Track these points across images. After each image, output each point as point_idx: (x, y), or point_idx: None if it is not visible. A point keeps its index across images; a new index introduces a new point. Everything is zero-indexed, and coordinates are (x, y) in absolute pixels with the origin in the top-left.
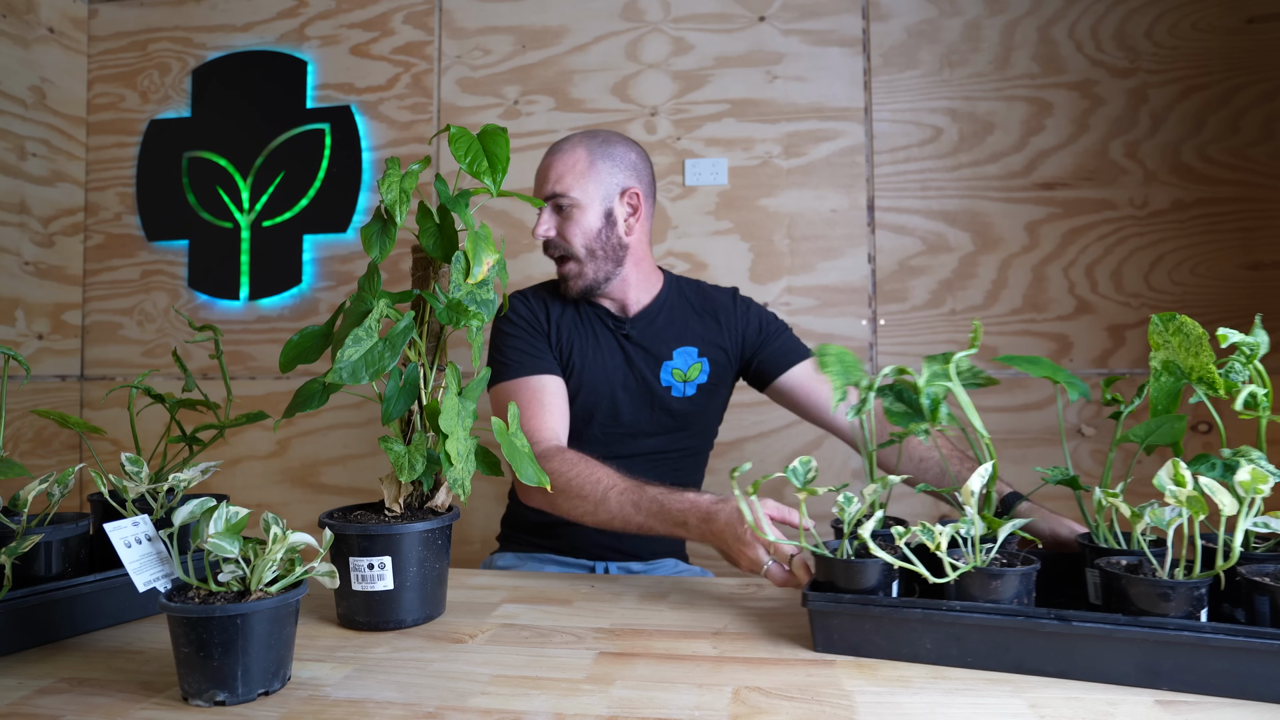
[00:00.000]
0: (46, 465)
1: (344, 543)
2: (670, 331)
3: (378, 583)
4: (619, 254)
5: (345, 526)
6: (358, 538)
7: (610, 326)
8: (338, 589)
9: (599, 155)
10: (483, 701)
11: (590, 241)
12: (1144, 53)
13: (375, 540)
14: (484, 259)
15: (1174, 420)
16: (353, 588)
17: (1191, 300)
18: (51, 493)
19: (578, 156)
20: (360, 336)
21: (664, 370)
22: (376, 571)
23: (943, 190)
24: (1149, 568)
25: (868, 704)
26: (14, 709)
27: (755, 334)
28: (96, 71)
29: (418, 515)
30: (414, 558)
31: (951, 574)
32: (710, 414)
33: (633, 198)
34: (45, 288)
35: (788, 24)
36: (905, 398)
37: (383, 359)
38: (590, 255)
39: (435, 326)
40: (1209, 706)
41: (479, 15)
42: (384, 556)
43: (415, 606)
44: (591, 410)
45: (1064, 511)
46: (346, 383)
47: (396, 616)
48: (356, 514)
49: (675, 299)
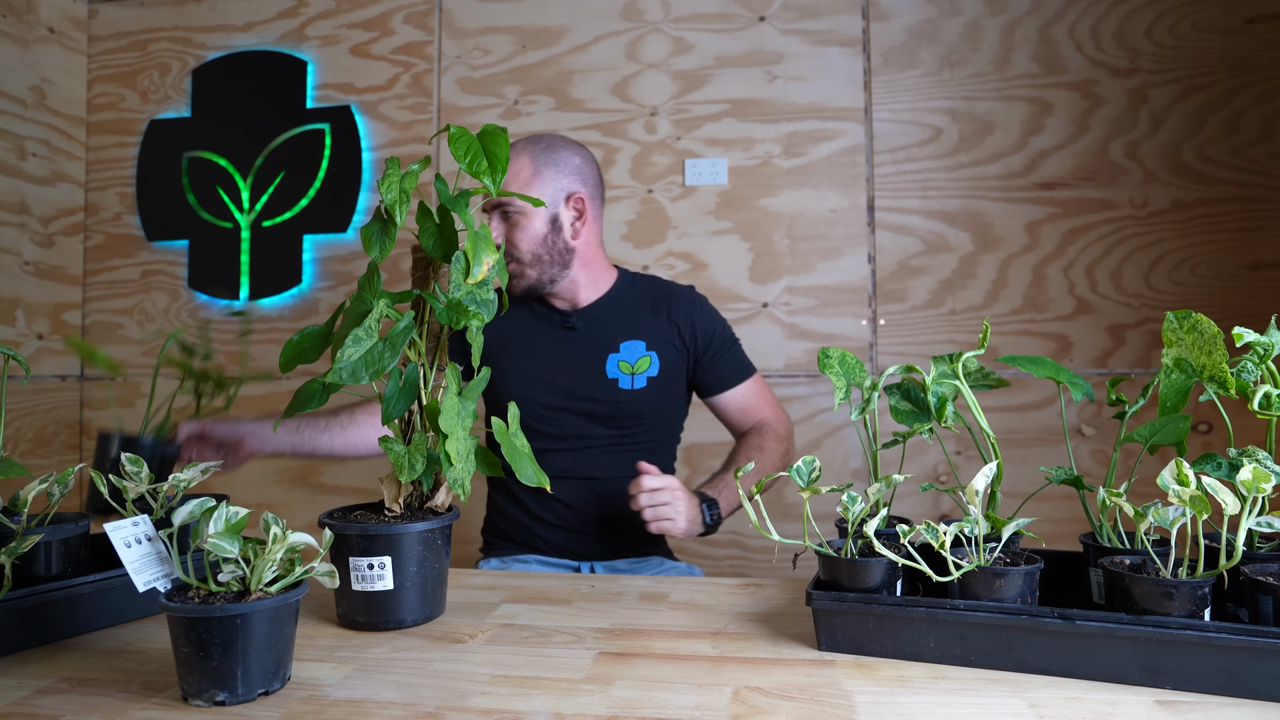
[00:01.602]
0: (46, 465)
1: (344, 543)
2: (618, 325)
3: (378, 583)
4: (565, 257)
5: (345, 526)
6: (357, 538)
7: (556, 322)
8: (338, 589)
9: (542, 162)
10: (483, 701)
11: (536, 247)
12: (1144, 53)
13: (375, 540)
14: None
15: (1178, 420)
16: (353, 588)
17: (1191, 300)
18: (51, 493)
19: (521, 165)
20: (360, 337)
21: (609, 362)
22: (376, 571)
23: (943, 190)
24: (1152, 567)
25: (868, 704)
26: (14, 709)
27: (705, 344)
28: (96, 71)
29: (418, 515)
30: (414, 558)
31: (955, 573)
32: (667, 407)
33: (578, 202)
34: (45, 288)
35: (788, 24)
36: (912, 396)
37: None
38: (535, 260)
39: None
40: (1209, 706)
41: (479, 15)
42: (384, 556)
43: (415, 606)
44: (532, 401)
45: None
46: (346, 383)
47: (396, 616)
48: (356, 514)
49: (626, 294)
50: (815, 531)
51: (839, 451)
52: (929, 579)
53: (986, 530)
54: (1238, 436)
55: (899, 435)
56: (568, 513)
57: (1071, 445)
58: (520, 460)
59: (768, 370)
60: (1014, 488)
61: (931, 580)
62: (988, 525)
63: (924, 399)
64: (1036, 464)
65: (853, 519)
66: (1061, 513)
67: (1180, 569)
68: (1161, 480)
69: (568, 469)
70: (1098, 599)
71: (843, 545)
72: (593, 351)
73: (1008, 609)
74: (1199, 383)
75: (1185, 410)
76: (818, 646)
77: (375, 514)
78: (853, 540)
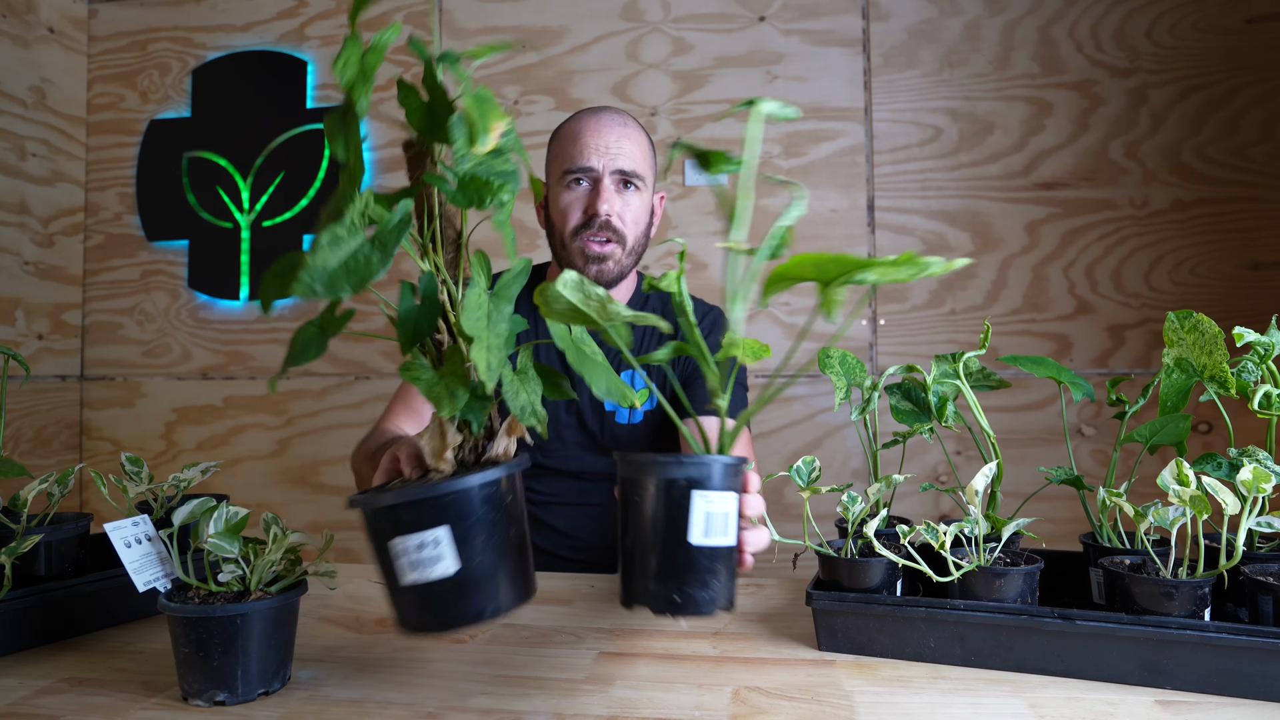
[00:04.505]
0: (46, 465)
1: (380, 521)
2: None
3: (435, 567)
4: (639, 257)
5: (377, 498)
6: (397, 509)
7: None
8: (389, 587)
9: (651, 146)
10: (483, 701)
11: (640, 234)
12: (1144, 53)
13: (423, 508)
14: (491, 124)
15: (1179, 420)
16: (403, 581)
17: (1191, 300)
18: (51, 493)
19: (644, 139)
20: (340, 236)
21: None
22: (430, 551)
23: (943, 190)
24: (1152, 567)
25: (868, 704)
26: (14, 709)
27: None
28: (96, 71)
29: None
30: (481, 522)
31: (955, 573)
32: (663, 437)
33: (660, 201)
34: (45, 288)
35: (788, 24)
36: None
37: (370, 264)
38: (635, 248)
39: (451, 232)
40: (1209, 706)
41: (479, 15)
42: (437, 529)
43: (497, 589)
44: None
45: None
46: (322, 296)
47: (473, 607)
48: (397, 482)
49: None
50: (815, 531)
51: (839, 451)
52: (929, 579)
53: (986, 530)
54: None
55: (899, 435)
56: (561, 540)
57: (1071, 445)
58: (594, 370)
59: (767, 370)
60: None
61: (931, 580)
62: (988, 525)
63: (924, 399)
64: (1036, 464)
65: (853, 519)
66: (1061, 513)
67: (1180, 569)
68: (1161, 480)
69: (562, 495)
70: (1098, 599)
71: (843, 545)
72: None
73: (1008, 609)
74: (1199, 382)
75: (1185, 410)
76: (818, 646)
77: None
78: (853, 540)
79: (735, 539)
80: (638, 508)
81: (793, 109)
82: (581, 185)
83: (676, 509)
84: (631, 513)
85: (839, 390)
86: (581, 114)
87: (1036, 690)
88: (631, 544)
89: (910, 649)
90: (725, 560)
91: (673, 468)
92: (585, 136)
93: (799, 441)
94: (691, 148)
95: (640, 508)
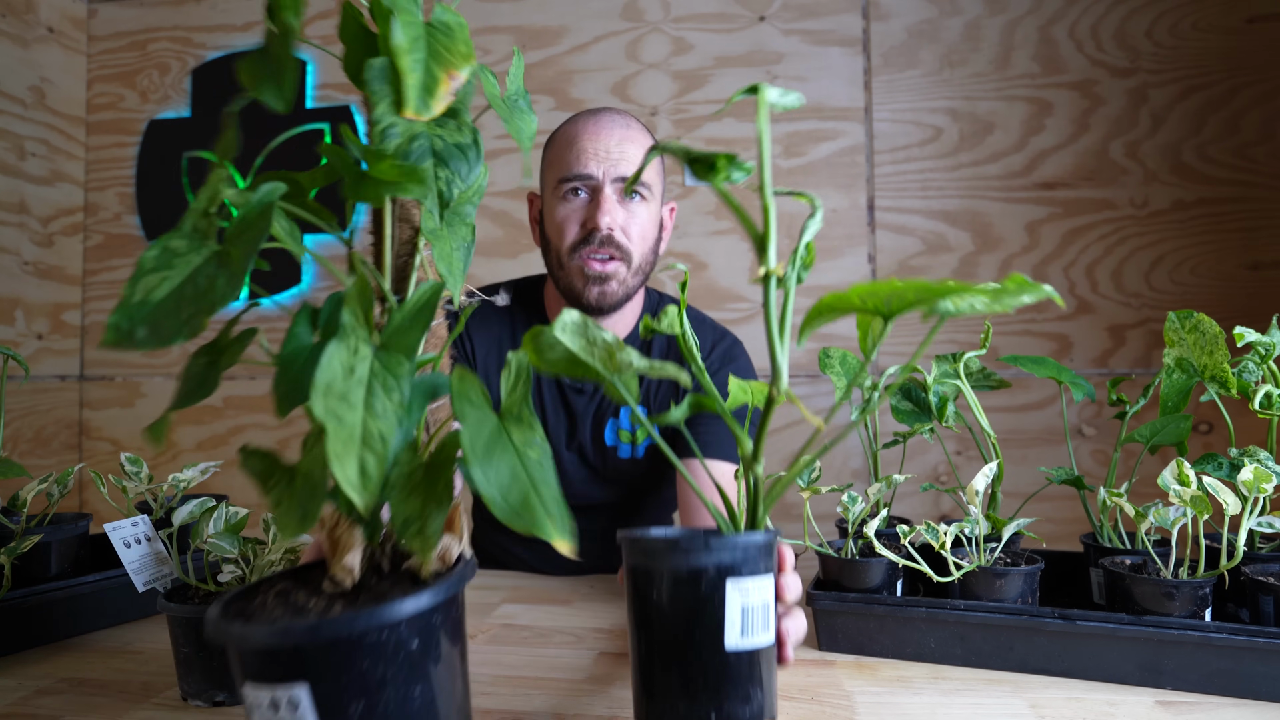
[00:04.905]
0: (46, 465)
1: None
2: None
3: None
4: (646, 277)
5: (221, 623)
6: (247, 654)
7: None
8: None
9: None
10: (483, 701)
11: (648, 249)
12: (1144, 52)
13: (275, 658)
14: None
15: (1180, 420)
16: None
17: (1192, 300)
18: (51, 493)
19: (649, 143)
20: (174, 250)
21: (608, 429)
22: (286, 714)
23: (943, 190)
24: (1153, 567)
25: (868, 704)
26: (13, 709)
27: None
28: (96, 71)
29: (388, 585)
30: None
31: (956, 573)
32: (667, 472)
33: (670, 215)
34: (45, 288)
35: (788, 24)
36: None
37: (212, 292)
38: (641, 266)
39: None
40: (1210, 707)
41: (479, 15)
42: (294, 686)
43: None
44: None
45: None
46: (143, 347)
47: None
48: (280, 587)
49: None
50: (815, 531)
51: (839, 451)
52: (929, 579)
53: (987, 530)
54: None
55: (899, 435)
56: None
57: (1072, 445)
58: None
59: (765, 371)
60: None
61: (932, 581)
62: (988, 525)
63: (925, 399)
64: (1037, 464)
65: (853, 519)
66: (1062, 513)
67: (1181, 569)
68: (1162, 480)
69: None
70: (1098, 599)
71: (843, 545)
72: (590, 416)
73: (1008, 609)
74: (1200, 382)
75: (1186, 410)
76: (818, 646)
77: (308, 588)
78: (853, 540)
79: (774, 632)
80: (655, 605)
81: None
82: (580, 195)
83: (706, 605)
84: (647, 611)
85: (839, 391)
86: (579, 116)
87: (1037, 690)
88: (649, 651)
89: (911, 649)
90: (766, 661)
91: (699, 553)
92: (583, 141)
93: (799, 441)
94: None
95: (658, 605)
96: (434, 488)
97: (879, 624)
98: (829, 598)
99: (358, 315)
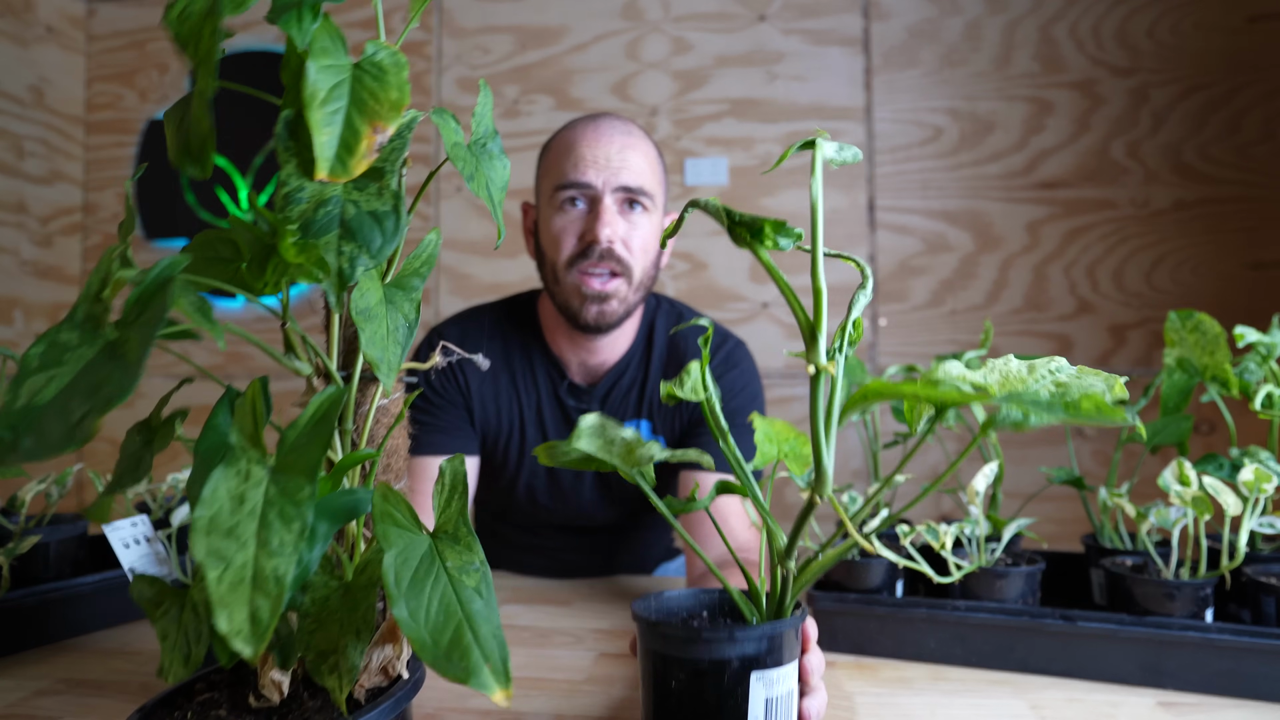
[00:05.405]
0: (45, 465)
1: None
2: (626, 402)
3: None
4: (649, 289)
5: None
6: None
7: (555, 391)
8: None
9: (660, 159)
10: (483, 702)
11: (650, 264)
12: (1145, 52)
13: None
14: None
15: (1180, 420)
16: None
17: (1193, 300)
18: (50, 493)
19: (651, 150)
20: (64, 344)
21: None
22: None
23: (943, 190)
24: (1154, 568)
25: (868, 704)
26: (12, 710)
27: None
28: (95, 71)
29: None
30: None
31: (956, 573)
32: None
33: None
34: (44, 287)
35: (788, 23)
36: None
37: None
38: (643, 282)
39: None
40: (1210, 707)
41: (479, 15)
42: None
43: None
44: (533, 490)
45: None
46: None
47: None
48: (205, 698)
49: (638, 361)
50: (815, 532)
51: (839, 451)
52: (930, 580)
53: (987, 531)
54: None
55: (899, 435)
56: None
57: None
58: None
59: (767, 371)
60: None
61: (932, 581)
62: (989, 526)
63: None
64: (1037, 464)
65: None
66: (1063, 513)
67: (1182, 570)
68: (1163, 481)
69: (570, 545)
70: (1099, 600)
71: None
72: None
73: (1009, 610)
74: (1201, 383)
75: (1187, 410)
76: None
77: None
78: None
79: (796, 716)
80: (673, 695)
81: (851, 150)
82: (578, 206)
83: (728, 699)
84: (664, 699)
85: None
86: (577, 122)
87: (1038, 691)
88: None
89: (910, 650)
90: None
91: (723, 644)
92: (581, 147)
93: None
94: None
95: (677, 696)
96: (353, 615)
97: (879, 624)
98: (829, 598)
99: (247, 433)
